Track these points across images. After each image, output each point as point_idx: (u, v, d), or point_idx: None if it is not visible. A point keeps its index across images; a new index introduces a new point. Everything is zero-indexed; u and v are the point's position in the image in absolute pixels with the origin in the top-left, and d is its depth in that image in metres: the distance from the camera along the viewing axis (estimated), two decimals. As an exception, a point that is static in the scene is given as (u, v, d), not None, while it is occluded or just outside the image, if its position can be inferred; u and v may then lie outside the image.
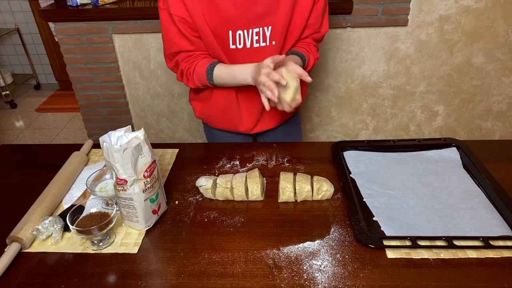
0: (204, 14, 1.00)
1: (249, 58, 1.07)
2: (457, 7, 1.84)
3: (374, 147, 1.12)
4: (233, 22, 1.01)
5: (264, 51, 1.06)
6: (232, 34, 1.03)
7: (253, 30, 1.03)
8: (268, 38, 1.05)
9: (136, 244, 0.83)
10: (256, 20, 1.02)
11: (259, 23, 1.02)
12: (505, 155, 1.12)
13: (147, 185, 0.82)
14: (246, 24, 1.02)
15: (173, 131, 2.32)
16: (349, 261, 0.77)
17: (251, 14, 1.01)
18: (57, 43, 2.09)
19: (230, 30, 1.02)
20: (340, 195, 0.96)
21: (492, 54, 1.96)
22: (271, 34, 1.05)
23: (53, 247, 0.83)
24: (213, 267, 0.77)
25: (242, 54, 1.07)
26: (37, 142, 2.97)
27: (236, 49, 1.06)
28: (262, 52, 1.06)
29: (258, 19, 1.02)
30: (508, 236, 0.80)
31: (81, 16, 1.91)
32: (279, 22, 1.03)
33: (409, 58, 2.00)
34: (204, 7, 0.99)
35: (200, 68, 1.08)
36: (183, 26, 1.03)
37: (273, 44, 1.07)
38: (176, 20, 1.02)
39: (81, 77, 2.11)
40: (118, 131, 0.81)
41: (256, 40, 1.05)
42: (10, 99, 3.48)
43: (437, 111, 2.17)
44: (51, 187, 0.95)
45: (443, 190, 0.95)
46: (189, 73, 1.10)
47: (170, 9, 1.01)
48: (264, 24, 1.03)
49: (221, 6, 0.99)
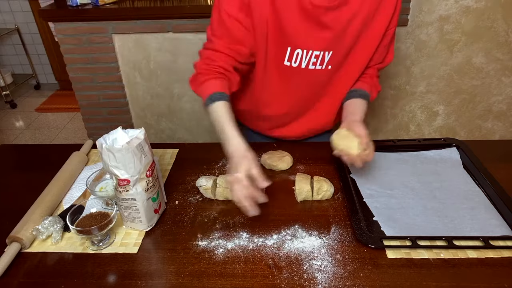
0: (265, 23, 0.93)
1: (300, 78, 1.02)
2: (457, 7, 1.84)
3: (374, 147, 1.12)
4: (295, 39, 0.95)
5: (318, 74, 1.02)
6: (290, 51, 0.97)
7: (313, 52, 0.97)
8: (325, 63, 0.99)
9: (136, 244, 0.83)
10: (319, 44, 0.96)
11: (321, 47, 0.96)
12: (505, 155, 1.12)
13: (149, 184, 0.82)
14: (308, 45, 0.96)
15: (173, 131, 2.32)
16: (349, 261, 0.77)
17: (316, 37, 0.95)
18: (57, 43, 2.09)
19: (289, 46, 0.96)
20: (340, 195, 0.96)
21: (492, 54, 1.96)
22: (330, 59, 0.99)
23: (53, 247, 0.83)
24: (213, 267, 0.77)
25: (294, 73, 1.01)
26: (37, 142, 2.97)
27: (290, 67, 1.00)
28: (316, 74, 1.02)
29: (321, 43, 0.96)
30: (508, 236, 0.80)
31: (81, 16, 1.91)
32: (341, 49, 0.98)
33: (409, 58, 2.00)
34: (268, 16, 0.92)
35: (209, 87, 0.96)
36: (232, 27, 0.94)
37: (329, 69, 1.01)
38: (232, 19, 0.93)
39: (81, 77, 2.11)
40: (112, 134, 0.81)
41: (313, 62, 0.99)
42: (10, 99, 3.47)
43: (437, 111, 2.17)
44: (51, 187, 0.95)
45: (443, 190, 0.95)
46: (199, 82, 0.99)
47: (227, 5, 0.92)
48: (325, 48, 0.97)
49: (286, 19, 0.92)
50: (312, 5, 0.90)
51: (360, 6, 0.92)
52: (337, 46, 0.97)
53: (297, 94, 1.08)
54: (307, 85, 1.05)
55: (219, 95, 0.94)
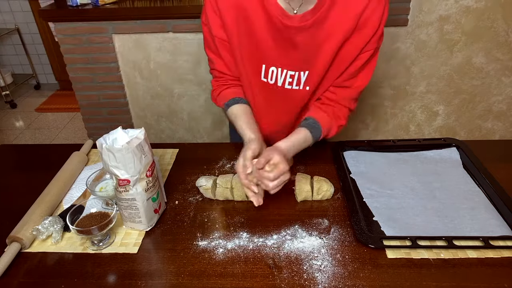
0: (240, 40, 0.94)
1: (279, 96, 1.01)
2: (457, 7, 1.84)
3: (374, 147, 1.12)
4: (268, 57, 0.95)
5: (296, 94, 1.00)
6: (265, 68, 0.97)
7: (287, 71, 0.96)
8: (302, 83, 0.97)
9: (136, 244, 0.83)
10: (293, 63, 0.94)
11: (296, 67, 0.95)
12: (505, 155, 1.12)
13: (149, 184, 0.82)
14: (282, 64, 0.95)
15: (173, 131, 2.32)
16: (349, 261, 0.77)
17: (289, 57, 0.93)
18: (57, 43, 2.09)
19: (264, 64, 0.97)
20: (340, 195, 0.96)
21: (492, 54, 1.96)
22: (307, 80, 0.96)
23: (53, 247, 0.83)
24: (213, 267, 0.77)
25: (272, 90, 1.01)
26: (37, 142, 2.97)
27: (267, 83, 1.00)
28: (294, 94, 1.00)
29: (295, 63, 0.94)
30: (508, 236, 0.80)
31: (81, 16, 1.91)
32: (317, 69, 0.94)
33: (409, 58, 2.00)
34: (242, 33, 0.93)
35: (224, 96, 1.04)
36: (222, 48, 0.98)
37: (307, 90, 0.98)
38: (217, 41, 0.97)
39: (81, 77, 2.11)
40: (112, 134, 0.81)
41: (289, 82, 0.98)
42: (10, 99, 3.48)
43: (437, 111, 2.17)
44: (51, 187, 0.95)
45: (443, 190, 0.95)
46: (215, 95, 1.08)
47: (212, 29, 0.96)
48: (300, 69, 0.95)
49: (259, 37, 0.92)
50: (283, 25, 0.88)
51: (337, 27, 0.87)
52: (313, 67, 0.93)
53: (279, 112, 1.07)
54: (287, 103, 1.04)
55: (232, 100, 1.03)
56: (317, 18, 0.86)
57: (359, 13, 0.85)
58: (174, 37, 1.97)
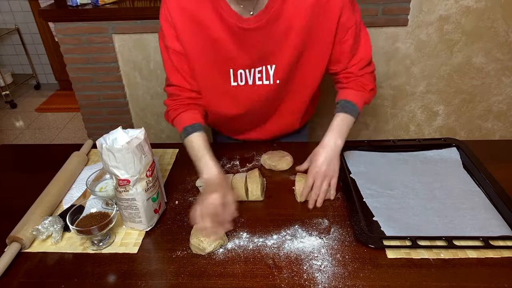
0: (201, 51, 0.95)
1: (251, 94, 1.02)
2: (457, 7, 1.84)
3: (374, 147, 1.12)
4: (234, 61, 0.96)
5: (267, 89, 1.01)
6: (234, 72, 0.98)
7: (255, 69, 0.97)
8: (271, 77, 0.98)
9: (136, 244, 0.83)
10: (257, 60, 0.96)
11: (261, 62, 0.96)
12: (505, 155, 1.12)
13: (149, 184, 0.82)
14: (248, 64, 0.96)
15: (173, 131, 2.31)
16: (349, 261, 0.77)
17: (252, 54, 0.95)
18: (57, 43, 2.09)
19: (231, 68, 0.97)
20: (340, 195, 0.96)
21: (492, 54, 1.96)
22: (275, 73, 0.98)
23: (53, 247, 0.83)
24: (213, 267, 0.77)
25: (244, 91, 1.01)
26: (37, 142, 2.97)
27: (238, 86, 1.00)
28: (265, 89, 1.01)
29: (259, 59, 0.96)
30: (508, 236, 0.80)
31: (81, 16, 1.91)
32: (283, 61, 0.96)
33: (409, 58, 2.00)
34: (201, 44, 0.94)
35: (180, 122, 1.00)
36: (177, 60, 0.98)
37: (277, 83, 1.00)
38: (171, 53, 0.97)
39: (81, 77, 2.11)
40: (112, 134, 0.81)
41: (258, 77, 0.99)
42: (10, 99, 3.48)
43: (437, 111, 2.17)
44: (51, 187, 0.95)
45: (443, 190, 0.95)
46: (171, 118, 1.04)
47: (166, 41, 0.96)
48: (266, 63, 0.96)
49: (220, 44, 0.93)
50: (241, 29, 0.90)
51: (293, 19, 0.89)
52: (279, 60, 0.95)
53: (253, 110, 1.07)
54: (260, 100, 1.04)
55: (191, 128, 0.98)
56: (271, 16, 0.89)
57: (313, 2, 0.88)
58: (174, 37, 1.97)
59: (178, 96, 1.02)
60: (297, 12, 0.89)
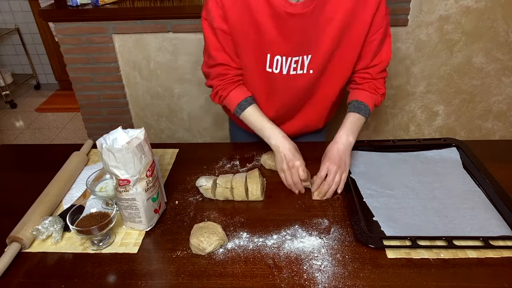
0: (244, 32, 0.97)
1: (284, 83, 1.04)
2: (457, 7, 1.84)
3: (374, 147, 1.12)
4: (273, 46, 0.97)
5: (300, 79, 1.03)
6: (270, 58, 0.99)
7: (292, 58, 0.99)
8: (306, 67, 1.00)
9: (136, 244, 0.83)
10: (296, 48, 0.97)
11: (299, 51, 0.98)
12: (505, 155, 1.12)
13: (149, 184, 0.82)
14: (286, 52, 0.98)
15: (173, 131, 2.32)
16: (349, 261, 0.77)
17: (292, 41, 0.96)
18: (57, 43, 2.09)
19: (269, 53, 0.99)
20: (340, 195, 0.96)
21: (492, 54, 1.96)
22: (310, 63, 1.00)
23: (53, 247, 0.83)
24: (213, 267, 0.77)
25: (277, 79, 1.03)
26: (37, 142, 2.97)
27: (272, 73, 1.02)
28: (299, 79, 1.03)
29: (298, 48, 0.97)
30: (508, 236, 0.80)
31: (81, 16, 1.91)
32: (320, 52, 0.98)
33: (409, 58, 2.00)
34: (246, 25, 0.95)
35: (233, 99, 1.06)
36: (224, 40, 0.99)
37: (310, 73, 1.01)
38: (218, 33, 0.98)
39: (81, 77, 2.11)
40: (112, 134, 0.81)
41: (293, 67, 1.00)
42: (10, 99, 3.47)
43: (437, 111, 2.17)
44: (51, 187, 0.95)
45: (443, 190, 0.95)
46: (222, 97, 1.08)
47: (213, 21, 0.97)
48: (303, 52, 0.98)
49: (263, 28, 0.95)
50: (287, 14, 0.92)
51: (337, 9, 0.93)
52: (316, 50, 0.98)
53: (283, 99, 1.09)
54: (291, 90, 1.06)
55: (245, 102, 1.04)
56: (317, 3, 0.91)
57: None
58: (174, 37, 1.97)
59: (226, 75, 1.05)
60: (341, 2, 0.92)
